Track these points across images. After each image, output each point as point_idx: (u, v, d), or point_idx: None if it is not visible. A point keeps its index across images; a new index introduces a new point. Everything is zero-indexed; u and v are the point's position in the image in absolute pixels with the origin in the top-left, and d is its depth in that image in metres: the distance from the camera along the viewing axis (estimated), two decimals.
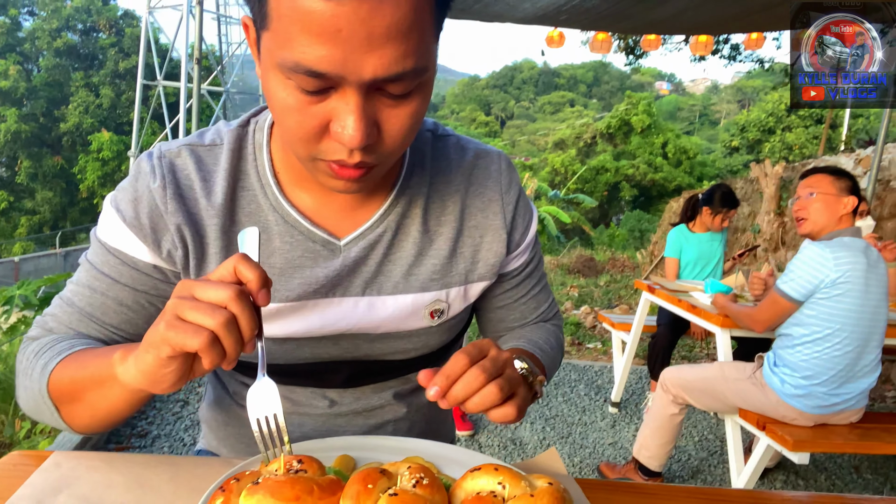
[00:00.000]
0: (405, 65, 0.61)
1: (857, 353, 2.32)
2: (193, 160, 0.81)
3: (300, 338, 0.85)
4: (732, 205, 3.97)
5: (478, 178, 0.90)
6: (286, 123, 0.66)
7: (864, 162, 6.89)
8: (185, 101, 12.10)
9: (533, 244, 0.98)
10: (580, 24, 5.22)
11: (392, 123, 0.66)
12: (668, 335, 3.88)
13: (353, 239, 0.84)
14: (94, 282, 0.81)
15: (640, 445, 2.91)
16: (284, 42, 0.60)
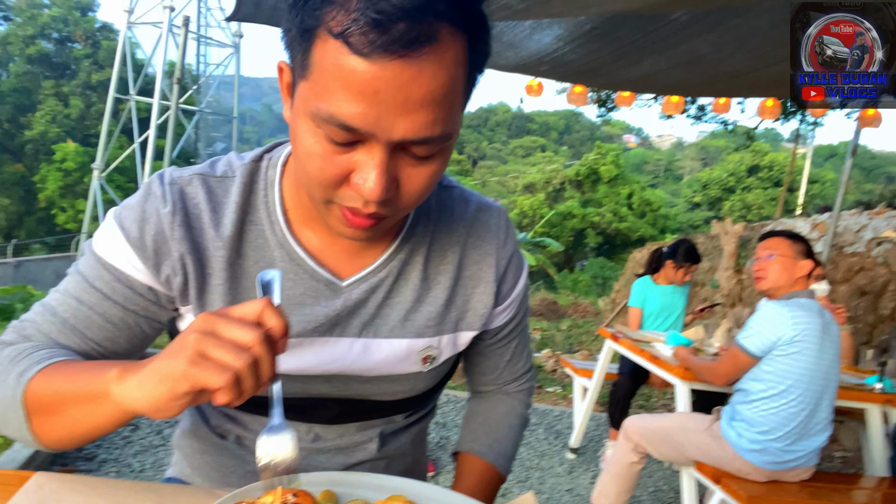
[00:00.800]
0: (433, 130, 0.64)
1: (810, 410, 2.40)
2: (204, 190, 0.82)
3: (293, 374, 0.85)
4: (695, 260, 4.10)
5: (477, 230, 0.93)
6: (308, 168, 0.69)
7: (819, 227, 7.19)
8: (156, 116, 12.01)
9: (520, 301, 1.00)
10: (558, 75, 5.40)
11: (411, 182, 0.69)
12: (629, 384, 3.94)
13: (356, 281, 0.85)
14: (83, 294, 0.79)
15: (599, 493, 2.93)
16: (322, 93, 0.62)
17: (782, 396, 2.40)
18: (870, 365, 3.56)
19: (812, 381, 2.39)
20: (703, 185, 34.49)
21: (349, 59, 0.59)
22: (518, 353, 1.05)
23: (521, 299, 1.00)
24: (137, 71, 22.55)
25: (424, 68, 0.60)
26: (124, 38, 21.46)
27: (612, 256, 27.22)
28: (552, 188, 34.02)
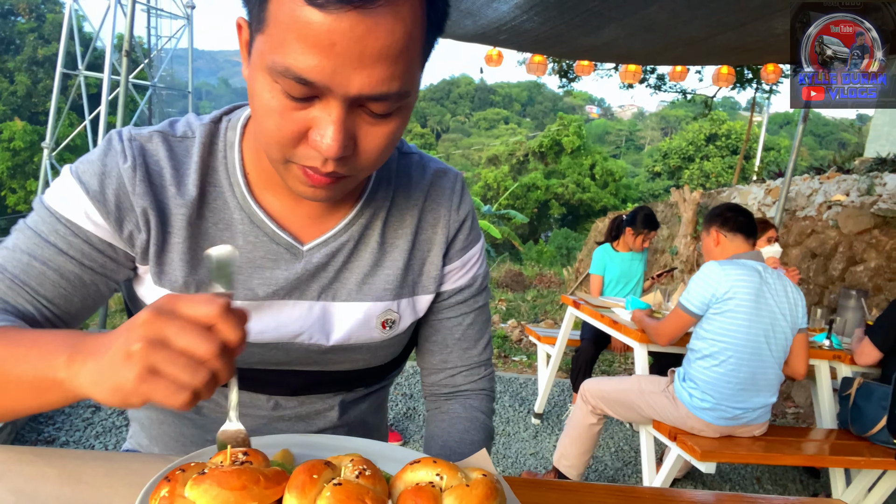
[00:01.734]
0: (391, 86, 0.63)
1: (753, 367, 2.50)
2: (165, 148, 0.81)
3: (252, 342, 0.84)
4: (653, 226, 4.18)
5: (433, 195, 0.93)
6: (266, 125, 0.68)
7: (773, 192, 7.38)
8: (107, 92, 11.60)
9: (474, 271, 0.98)
10: (518, 45, 5.38)
11: (369, 140, 0.69)
12: (591, 349, 4.03)
13: (317, 245, 0.85)
14: (35, 249, 0.76)
15: (560, 455, 3.01)
16: (278, 47, 0.62)
17: (721, 354, 2.50)
18: (819, 323, 3.70)
19: (750, 337, 2.48)
20: (663, 155, 35.01)
21: (305, 10, 0.59)
22: (471, 337, 1.00)
23: (474, 270, 0.99)
24: (86, 45, 21.71)
25: (380, 21, 0.59)
26: (70, 10, 20.57)
27: (575, 227, 27.57)
28: (516, 160, 34.13)
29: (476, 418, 0.98)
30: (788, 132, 45.95)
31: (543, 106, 73.64)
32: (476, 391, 1.02)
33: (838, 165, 8.10)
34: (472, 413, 0.99)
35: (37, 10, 31.08)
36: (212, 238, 0.82)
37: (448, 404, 1.02)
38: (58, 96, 20.66)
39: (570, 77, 13.28)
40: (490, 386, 1.05)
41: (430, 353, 1.01)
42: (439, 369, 1.02)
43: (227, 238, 0.82)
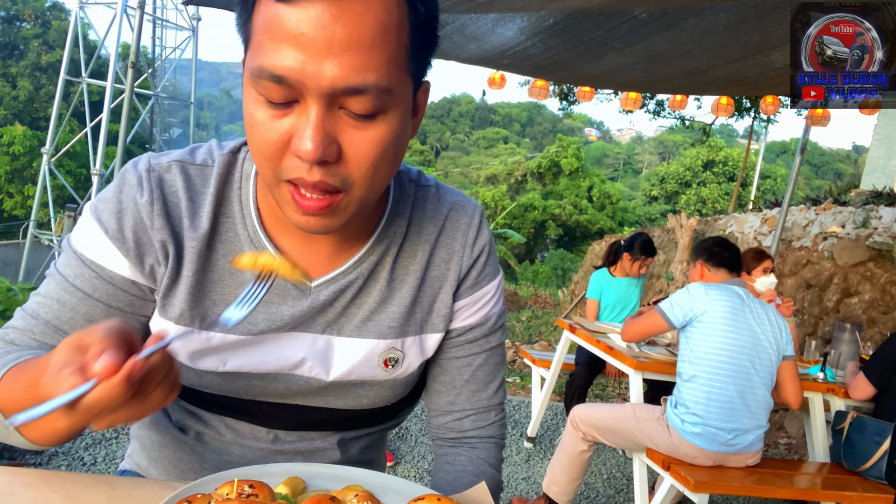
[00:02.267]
0: (365, 77, 0.62)
1: (741, 388, 2.54)
2: (182, 178, 0.80)
3: (253, 372, 0.84)
4: (650, 253, 4.21)
5: (448, 229, 0.90)
6: (254, 140, 0.68)
7: (769, 221, 7.42)
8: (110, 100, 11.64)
9: (487, 309, 0.94)
10: (521, 69, 5.44)
11: (355, 147, 0.66)
12: (585, 374, 4.03)
13: (325, 282, 0.83)
14: (63, 295, 0.77)
15: (550, 481, 3.00)
16: (256, 52, 0.64)
17: (707, 373, 2.55)
18: (813, 355, 3.71)
19: (733, 356, 2.54)
20: (660, 179, 35.19)
21: (275, 8, 0.61)
22: (481, 379, 0.95)
23: (488, 308, 0.94)
24: (90, 53, 21.83)
25: (346, 9, 0.60)
26: (76, 17, 20.69)
27: (571, 248, 27.60)
28: (514, 180, 34.26)
29: (482, 472, 0.92)
30: (785, 161, 46.28)
31: (543, 127, 74.12)
32: (484, 439, 0.97)
33: (834, 197, 8.17)
34: (479, 466, 0.93)
35: (42, 16, 31.26)
36: (220, 270, 0.81)
37: (454, 453, 0.96)
38: (60, 102, 20.72)
39: (571, 100, 13.40)
40: (500, 433, 0.99)
41: (437, 393, 0.96)
42: (446, 411, 0.96)
43: (235, 271, 0.81)
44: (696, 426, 2.53)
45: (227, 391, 0.86)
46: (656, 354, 3.16)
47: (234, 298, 0.80)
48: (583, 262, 13.51)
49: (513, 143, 63.29)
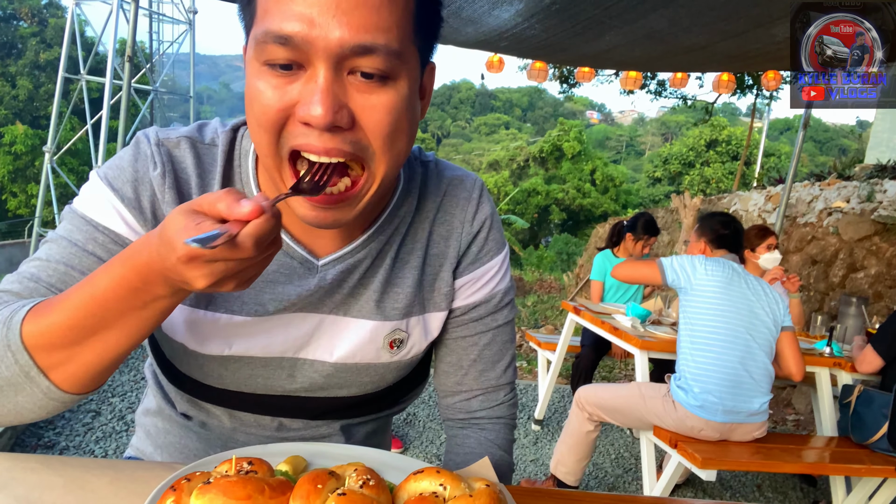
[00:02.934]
0: (374, 37, 0.61)
1: (740, 355, 2.56)
2: (192, 155, 0.79)
3: (258, 357, 0.82)
4: (653, 232, 4.19)
5: (446, 205, 0.88)
6: (253, 109, 0.65)
7: (773, 198, 7.38)
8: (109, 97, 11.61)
9: (492, 285, 0.91)
10: (519, 51, 5.40)
11: (368, 113, 0.64)
12: (592, 355, 4.03)
13: (332, 261, 0.81)
14: (72, 259, 0.72)
15: (557, 461, 3.01)
16: (261, 18, 0.62)
17: (706, 341, 2.59)
18: (820, 330, 3.70)
19: (730, 324, 2.57)
20: (663, 160, 35.03)
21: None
22: (489, 358, 0.93)
23: (492, 285, 0.91)
24: (88, 49, 21.78)
25: None
26: (73, 14, 20.61)
27: (576, 232, 27.55)
28: (516, 165, 34.17)
29: (491, 455, 0.89)
30: (789, 138, 46.00)
31: (544, 111, 73.79)
32: (493, 420, 0.95)
33: (838, 172, 8.11)
34: (488, 448, 0.91)
35: (39, 14, 31.17)
36: None
37: (463, 435, 0.95)
38: (59, 100, 20.70)
39: (571, 83, 13.31)
40: (510, 413, 0.97)
41: (444, 374, 0.94)
42: (454, 392, 0.95)
43: None
44: (699, 398, 2.54)
45: (231, 384, 0.85)
46: (661, 333, 3.15)
47: None
48: (587, 245, 13.48)
49: (514, 128, 63.05)
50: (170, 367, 0.88)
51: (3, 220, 26.02)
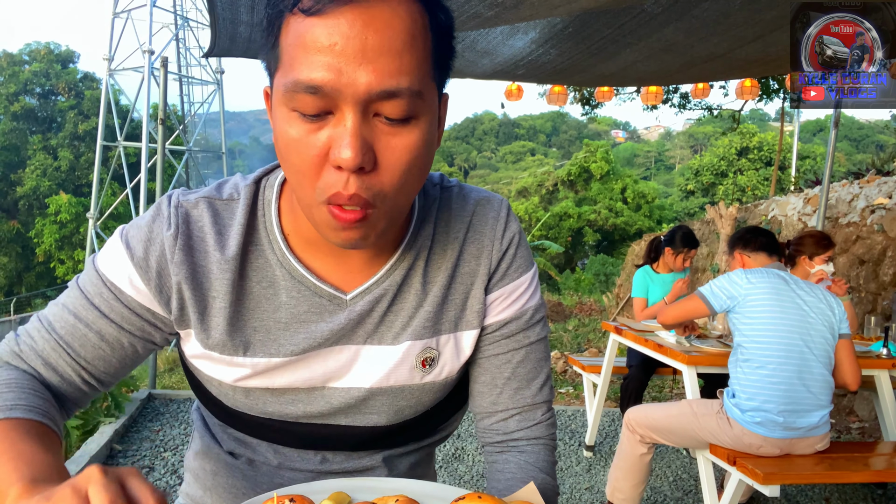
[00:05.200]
0: (399, 81, 0.64)
1: (797, 367, 2.45)
2: (210, 213, 0.82)
3: (293, 387, 0.85)
4: (693, 245, 4.12)
5: (475, 225, 0.90)
6: (290, 159, 0.68)
7: (812, 201, 7.20)
8: (146, 160, 12.06)
9: (523, 301, 0.92)
10: (537, 78, 5.44)
11: (389, 153, 0.67)
12: (640, 376, 3.93)
13: (360, 293, 0.84)
14: (81, 310, 0.79)
15: (613, 488, 2.93)
16: (288, 69, 0.65)
17: (760, 356, 2.48)
18: (875, 332, 3.56)
19: (784, 335, 2.46)
20: (694, 173, 34.57)
21: (305, 23, 0.63)
22: (523, 376, 0.92)
23: (523, 301, 0.92)
24: (123, 117, 22.74)
25: (376, 16, 0.62)
26: (107, 85, 21.60)
27: (611, 252, 27.24)
28: (545, 190, 34.12)
29: (534, 478, 0.87)
30: (822, 139, 45.04)
31: (568, 134, 73.85)
32: (531, 441, 0.94)
33: (877, 168, 7.89)
34: (529, 472, 0.90)
35: (75, 87, 32.73)
36: (255, 296, 0.82)
37: (503, 460, 0.93)
38: (99, 168, 21.59)
39: (593, 104, 13.32)
40: (549, 433, 0.95)
41: (479, 395, 0.94)
42: (490, 412, 0.94)
43: (270, 295, 0.82)
44: (757, 415, 2.44)
45: (272, 413, 0.87)
46: (708, 347, 3.07)
47: (273, 324, 0.83)
48: (624, 264, 13.30)
49: (540, 154, 63.19)
50: (216, 403, 0.90)
51: (52, 286, 26.96)
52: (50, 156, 30.86)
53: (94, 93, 30.95)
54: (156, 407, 4.66)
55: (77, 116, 31.22)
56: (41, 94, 32.87)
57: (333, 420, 0.88)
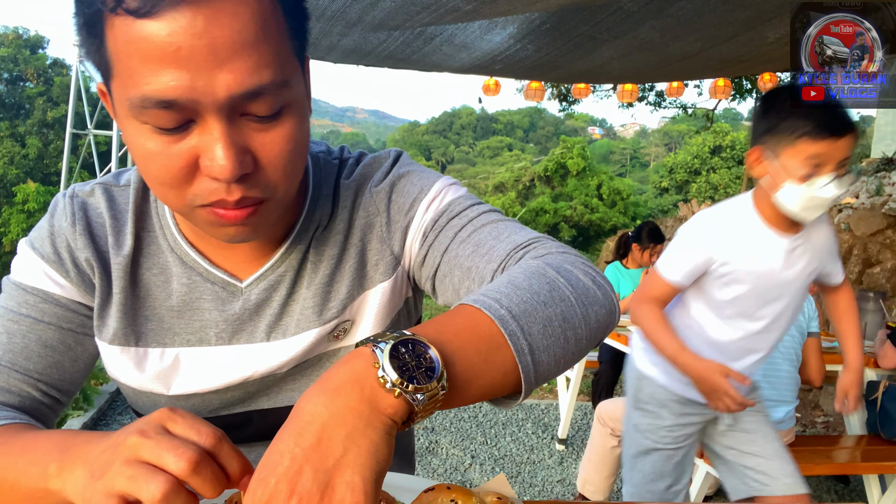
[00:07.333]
0: (261, 77, 0.57)
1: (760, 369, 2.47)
2: (106, 199, 0.79)
3: (203, 391, 0.81)
4: (659, 240, 4.19)
5: (361, 185, 0.83)
6: (151, 172, 0.61)
7: None
8: (117, 149, 11.84)
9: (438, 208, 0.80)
10: (514, 73, 5.46)
11: (268, 150, 0.61)
12: (611, 370, 3.99)
13: (254, 280, 0.79)
14: (11, 326, 0.75)
15: (584, 480, 2.97)
16: (129, 80, 0.56)
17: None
18: None
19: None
20: (669, 170, 34.99)
21: (136, 26, 0.53)
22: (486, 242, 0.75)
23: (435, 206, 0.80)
24: (93, 104, 22.22)
25: (220, 8, 0.54)
26: (77, 72, 21.10)
27: (587, 248, 27.47)
28: (522, 186, 34.26)
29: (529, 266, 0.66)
30: None
31: (545, 131, 74.19)
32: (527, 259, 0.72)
33: None
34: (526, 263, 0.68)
35: (44, 74, 31.95)
36: (147, 284, 0.79)
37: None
38: (69, 156, 21.12)
39: (570, 100, 13.41)
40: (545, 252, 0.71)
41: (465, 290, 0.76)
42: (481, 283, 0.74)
43: (161, 282, 0.79)
44: None
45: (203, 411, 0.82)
46: None
47: (165, 312, 0.79)
48: (598, 260, 13.43)
49: (517, 149, 63.39)
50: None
51: None
52: (18, 143, 30.09)
53: (63, 79, 30.22)
54: (125, 400, 4.59)
55: (46, 103, 30.48)
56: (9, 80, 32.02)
57: (255, 405, 0.83)
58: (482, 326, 0.55)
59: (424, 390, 0.48)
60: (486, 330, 0.55)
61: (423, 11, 3.43)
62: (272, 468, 0.45)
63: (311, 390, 0.48)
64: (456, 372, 0.52)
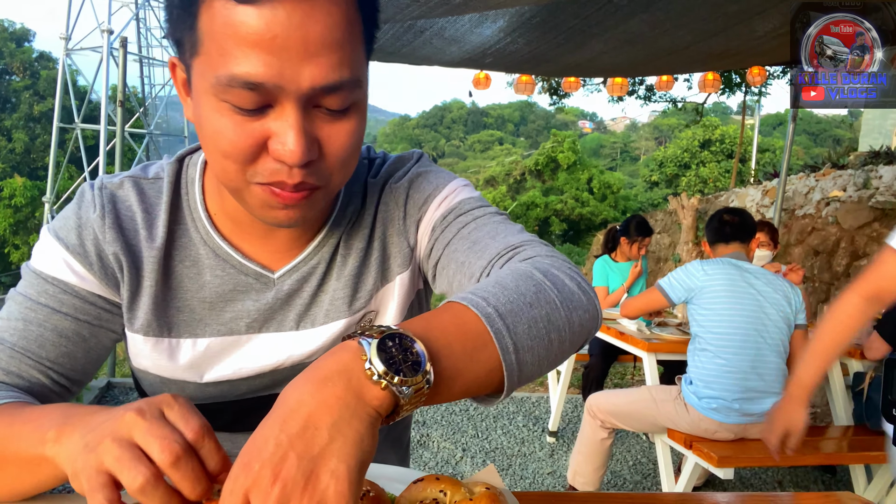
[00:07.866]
0: (342, 74, 0.62)
1: (751, 357, 2.52)
2: (136, 192, 0.81)
3: (232, 379, 0.83)
4: (646, 233, 4.22)
5: (387, 183, 0.88)
6: (220, 145, 0.64)
7: (770, 193, 7.39)
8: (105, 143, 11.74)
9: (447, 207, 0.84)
10: (504, 66, 5.45)
11: (332, 141, 0.66)
12: (601, 363, 4.01)
13: (287, 271, 0.82)
14: (28, 313, 0.75)
15: (575, 472, 2.98)
16: (219, 60, 0.59)
17: (716, 345, 2.55)
18: None
19: (739, 325, 2.53)
20: (659, 164, 35.15)
21: (237, 11, 0.57)
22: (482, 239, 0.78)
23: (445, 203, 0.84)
24: (81, 98, 22.01)
25: (316, 6, 0.58)
26: (64, 66, 20.89)
27: (577, 242, 27.58)
28: (513, 180, 34.31)
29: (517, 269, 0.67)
30: (782, 133, 46.06)
31: (536, 124, 74.24)
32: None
33: (833, 162, 8.13)
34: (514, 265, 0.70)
35: (31, 67, 31.61)
36: (179, 277, 0.81)
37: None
38: (56, 150, 20.93)
39: (561, 94, 13.40)
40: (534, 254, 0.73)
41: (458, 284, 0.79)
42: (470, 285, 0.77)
43: (193, 275, 0.81)
44: (712, 400, 2.52)
45: (215, 396, 0.85)
46: (668, 335, 3.14)
47: (197, 303, 0.81)
48: (589, 253, 13.49)
49: (508, 143, 63.42)
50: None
51: (6, 272, 26.11)
52: (4, 137, 29.80)
53: (50, 73, 29.92)
54: (115, 395, 4.57)
55: (32, 97, 30.17)
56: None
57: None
58: (469, 324, 0.57)
59: (410, 383, 0.49)
60: (473, 327, 0.57)
61: (413, 4, 3.42)
62: (256, 453, 0.45)
63: (298, 379, 0.49)
64: (442, 367, 0.53)
